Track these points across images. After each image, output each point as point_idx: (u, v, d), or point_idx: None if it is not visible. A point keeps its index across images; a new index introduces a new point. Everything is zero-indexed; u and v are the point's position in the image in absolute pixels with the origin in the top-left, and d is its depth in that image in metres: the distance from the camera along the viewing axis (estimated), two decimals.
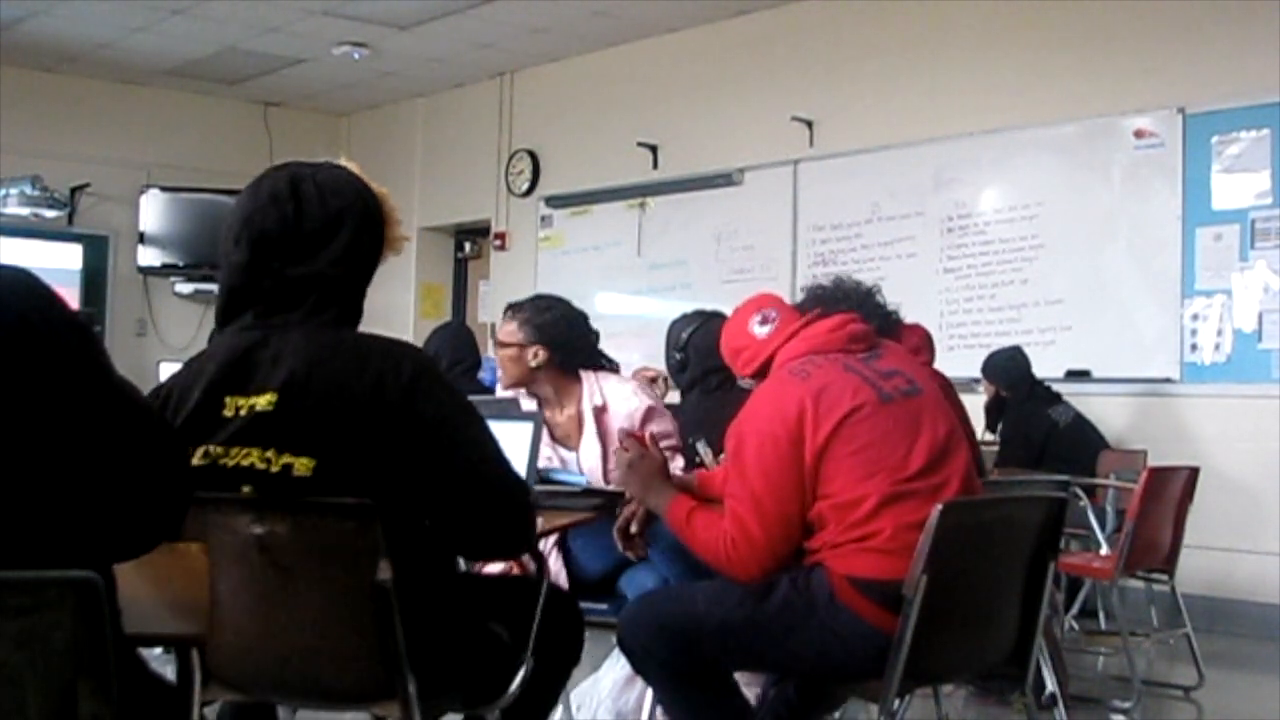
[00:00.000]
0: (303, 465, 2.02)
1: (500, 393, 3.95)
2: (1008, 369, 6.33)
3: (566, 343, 3.71)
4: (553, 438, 3.72)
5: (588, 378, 3.75)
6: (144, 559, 1.71)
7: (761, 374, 2.83)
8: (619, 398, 3.73)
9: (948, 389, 4.53)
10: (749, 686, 2.95)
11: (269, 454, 2.03)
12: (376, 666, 2.03)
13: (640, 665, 2.84)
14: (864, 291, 4.06)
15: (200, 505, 1.93)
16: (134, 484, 1.60)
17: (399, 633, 2.00)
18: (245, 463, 2.04)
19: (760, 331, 2.84)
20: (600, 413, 3.71)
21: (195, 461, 2.04)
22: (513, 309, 3.78)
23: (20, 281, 1.60)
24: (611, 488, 3.57)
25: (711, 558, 2.65)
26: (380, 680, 2.03)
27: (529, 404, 3.77)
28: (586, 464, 3.68)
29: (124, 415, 1.62)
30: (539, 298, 3.86)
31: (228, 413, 2.07)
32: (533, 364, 3.69)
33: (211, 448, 2.06)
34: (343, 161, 2.29)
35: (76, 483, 1.55)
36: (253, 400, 2.06)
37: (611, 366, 3.91)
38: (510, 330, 3.73)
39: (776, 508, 2.55)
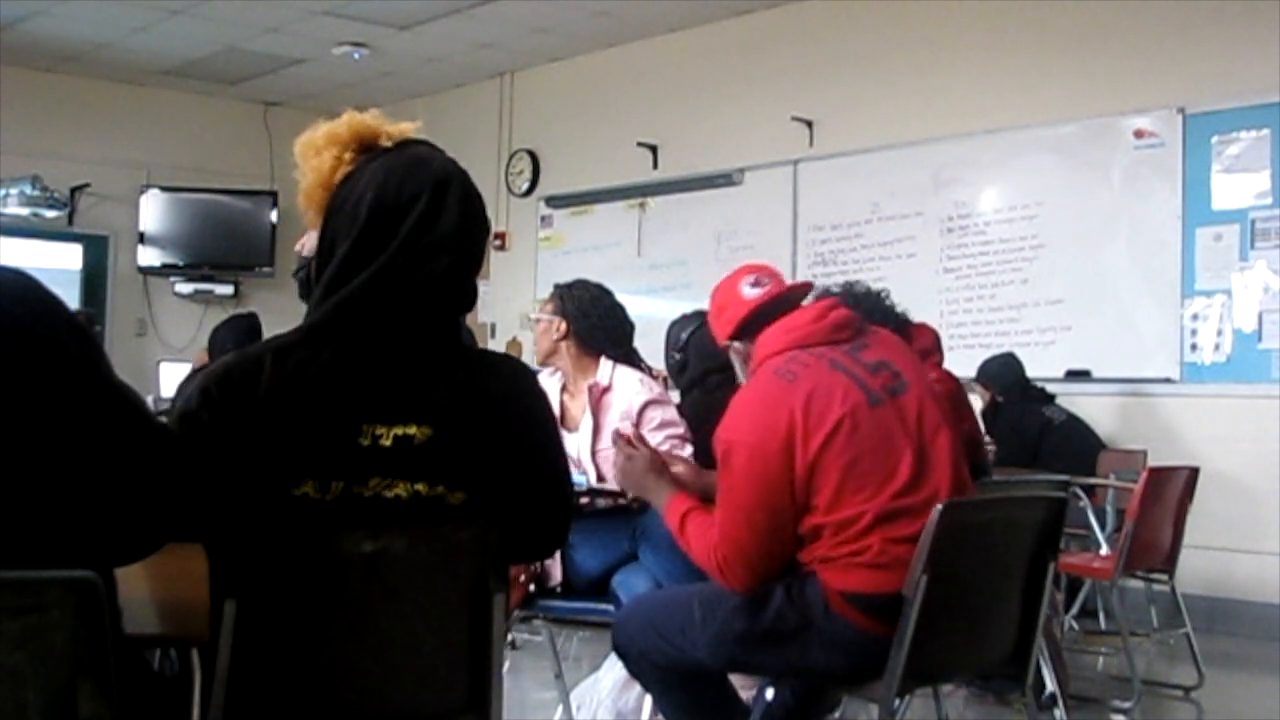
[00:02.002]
0: (456, 498, 1.87)
1: (535, 366, 4.03)
2: (1001, 374, 6.35)
3: (587, 320, 3.81)
4: (562, 421, 3.75)
5: (605, 363, 3.81)
6: (145, 560, 1.71)
7: (739, 336, 2.75)
8: (624, 384, 3.79)
9: (959, 396, 4.51)
10: (746, 690, 2.94)
11: (418, 486, 1.84)
12: (464, 681, 1.92)
13: (635, 668, 2.83)
14: (875, 295, 4.07)
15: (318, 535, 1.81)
16: (133, 487, 1.60)
17: (498, 644, 1.91)
18: (389, 494, 1.83)
19: (748, 293, 2.75)
20: (602, 392, 3.77)
21: (312, 494, 1.80)
22: (555, 287, 3.94)
23: (20, 284, 1.59)
24: (608, 486, 3.60)
25: (703, 566, 2.62)
26: (463, 695, 1.93)
27: (555, 384, 3.83)
28: (579, 441, 3.72)
29: (123, 419, 1.62)
30: (579, 281, 3.96)
31: (364, 440, 1.82)
32: (555, 336, 3.81)
33: (346, 483, 1.82)
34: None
35: (76, 485, 1.55)
36: (399, 430, 1.83)
37: (643, 367, 3.97)
38: (543, 304, 3.91)
39: (768, 520, 2.52)
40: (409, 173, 1.92)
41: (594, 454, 3.71)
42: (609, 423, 3.74)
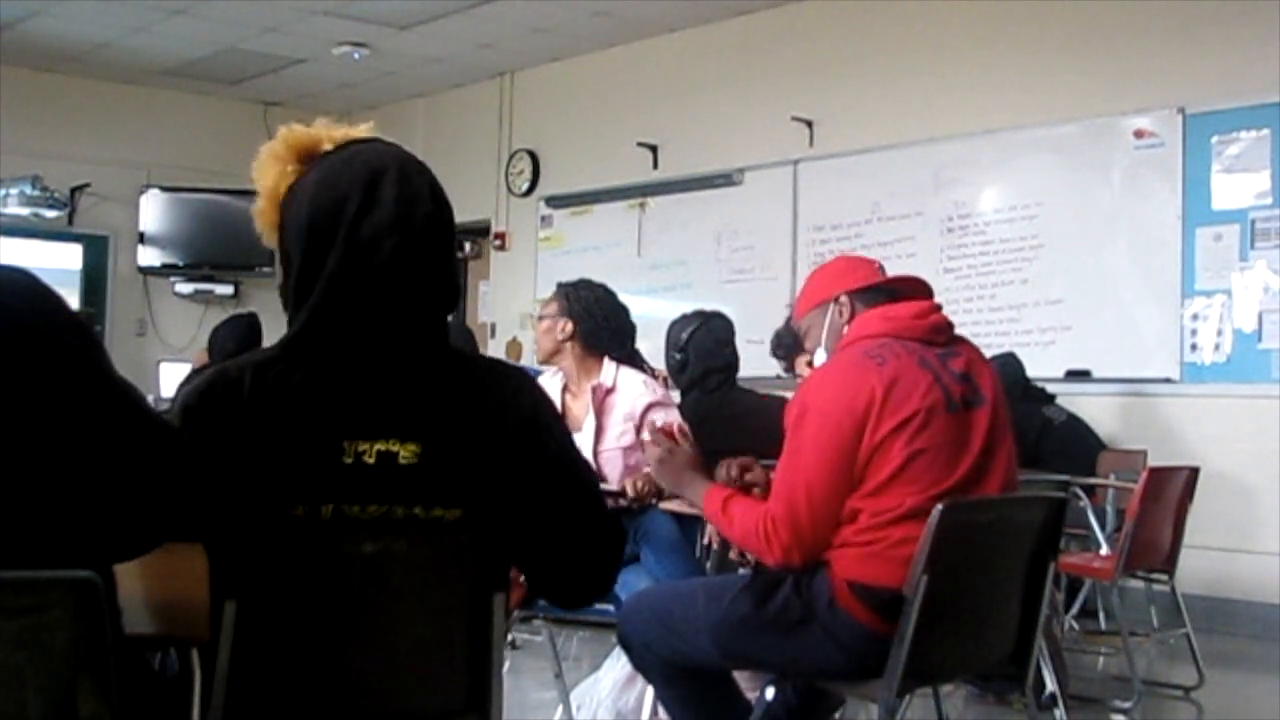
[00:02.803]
0: (452, 515, 1.84)
1: (536, 365, 4.02)
2: (1001, 374, 6.30)
3: (592, 321, 3.81)
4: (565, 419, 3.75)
5: (609, 364, 3.82)
6: (144, 559, 1.71)
7: (855, 294, 2.77)
8: (628, 385, 3.80)
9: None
10: (751, 692, 2.95)
11: (415, 510, 1.81)
12: (464, 681, 1.91)
13: (639, 661, 2.83)
14: None
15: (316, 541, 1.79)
16: (134, 484, 1.60)
17: (498, 644, 1.90)
18: (385, 520, 1.80)
19: (883, 271, 2.83)
20: (606, 393, 3.77)
21: (303, 518, 1.77)
22: (559, 286, 3.93)
23: (21, 283, 1.59)
24: (611, 487, 3.60)
25: (749, 540, 2.61)
26: (463, 695, 1.91)
27: (556, 383, 3.81)
28: (581, 441, 3.70)
29: (124, 416, 1.62)
30: (583, 281, 3.95)
31: (347, 459, 1.78)
32: (560, 336, 3.80)
33: (336, 504, 1.78)
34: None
35: (76, 483, 1.55)
36: (383, 446, 1.79)
37: (645, 368, 3.97)
38: (547, 302, 3.89)
39: (826, 494, 2.52)
40: (341, 172, 1.87)
41: (596, 454, 3.71)
42: (612, 424, 3.74)
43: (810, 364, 2.85)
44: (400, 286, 1.84)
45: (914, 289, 2.85)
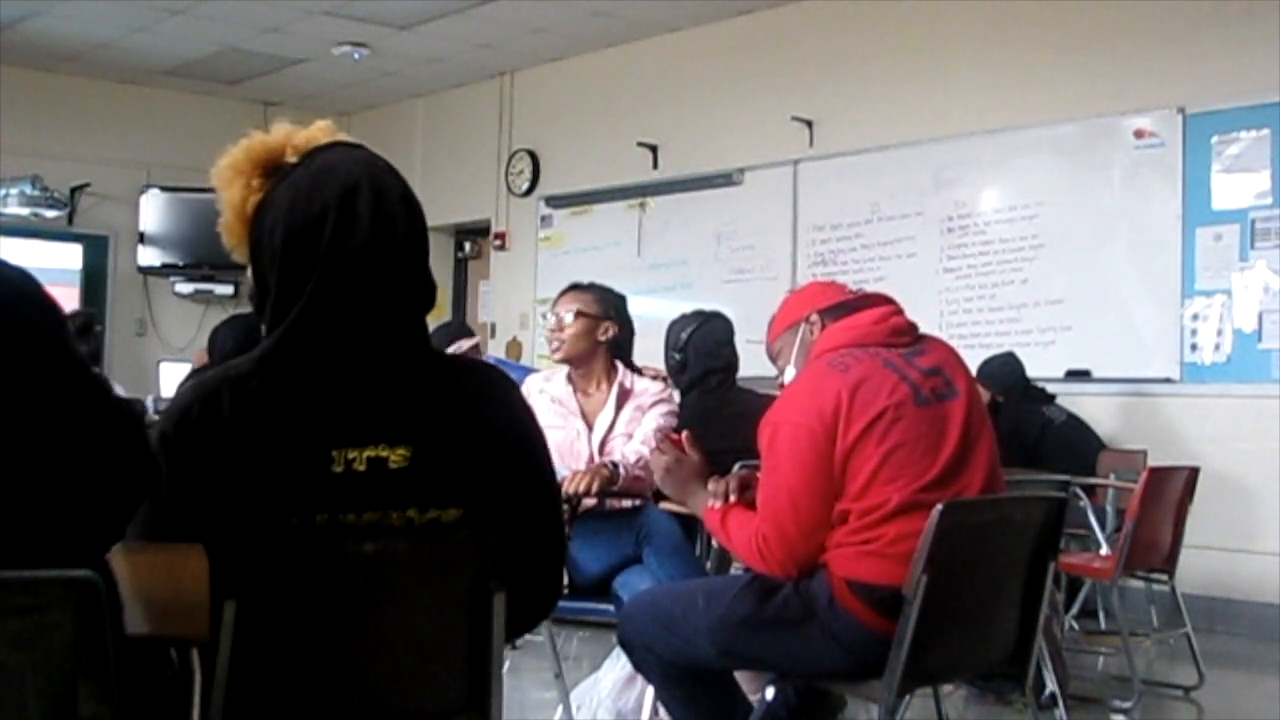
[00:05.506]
0: (449, 515, 1.84)
1: (554, 363, 4.01)
2: (1001, 374, 6.35)
3: (626, 326, 3.84)
4: (581, 415, 3.78)
5: (621, 367, 3.85)
6: (144, 560, 1.70)
7: (825, 313, 2.81)
8: (640, 382, 3.86)
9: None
10: (753, 695, 2.95)
11: (410, 514, 1.80)
12: (464, 681, 1.90)
13: (640, 662, 2.84)
14: None
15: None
16: (102, 472, 1.57)
17: (498, 644, 1.88)
18: (382, 524, 1.80)
19: (851, 291, 2.88)
20: (625, 391, 3.80)
21: (296, 524, 1.76)
22: (581, 287, 3.89)
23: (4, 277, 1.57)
24: (614, 456, 3.63)
25: (746, 555, 2.65)
26: (463, 695, 1.91)
27: (559, 382, 3.82)
28: (598, 431, 3.75)
29: (90, 400, 1.58)
30: (607, 287, 3.94)
31: (337, 468, 1.76)
32: (602, 338, 3.78)
33: (330, 514, 1.77)
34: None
35: (47, 472, 1.52)
36: (373, 452, 1.77)
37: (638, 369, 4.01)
38: (588, 301, 3.82)
39: (810, 502, 2.54)
40: (314, 190, 1.83)
41: (607, 439, 3.74)
42: (624, 414, 3.76)
43: (781, 384, 2.87)
44: (380, 301, 1.82)
45: (880, 302, 2.86)
